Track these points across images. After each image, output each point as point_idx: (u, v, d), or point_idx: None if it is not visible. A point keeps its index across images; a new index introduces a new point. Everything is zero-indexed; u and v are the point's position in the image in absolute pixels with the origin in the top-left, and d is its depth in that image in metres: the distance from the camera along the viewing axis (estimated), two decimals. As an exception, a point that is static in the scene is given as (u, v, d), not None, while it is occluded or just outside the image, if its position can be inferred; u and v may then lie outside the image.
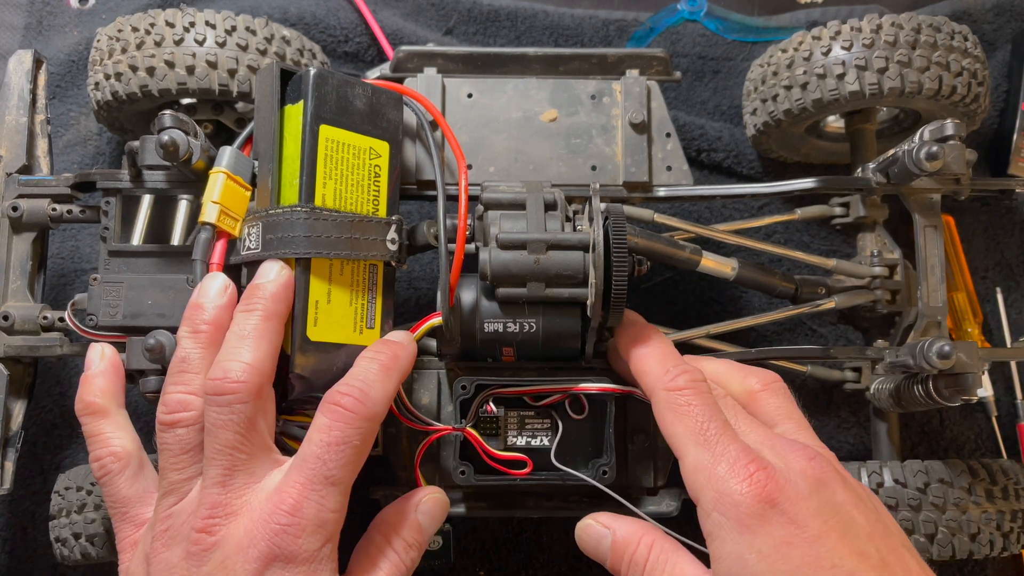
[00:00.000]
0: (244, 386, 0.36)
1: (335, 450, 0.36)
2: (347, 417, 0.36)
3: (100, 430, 0.41)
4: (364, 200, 0.43)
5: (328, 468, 0.35)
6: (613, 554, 0.39)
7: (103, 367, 0.43)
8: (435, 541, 0.45)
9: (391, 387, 0.39)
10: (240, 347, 0.37)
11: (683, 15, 0.69)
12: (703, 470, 0.36)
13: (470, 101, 0.51)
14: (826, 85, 0.53)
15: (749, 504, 0.34)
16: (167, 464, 0.37)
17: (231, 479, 0.36)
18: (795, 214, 0.57)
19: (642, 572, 0.38)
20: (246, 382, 0.36)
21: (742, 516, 0.34)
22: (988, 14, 0.67)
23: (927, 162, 0.46)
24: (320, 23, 0.65)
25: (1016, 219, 0.66)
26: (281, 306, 0.39)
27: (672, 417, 0.38)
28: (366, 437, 0.37)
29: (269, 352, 0.38)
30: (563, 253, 0.43)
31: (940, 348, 0.43)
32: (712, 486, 0.35)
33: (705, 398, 0.38)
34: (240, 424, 0.36)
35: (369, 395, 0.37)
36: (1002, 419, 0.62)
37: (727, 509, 0.35)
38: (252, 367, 0.37)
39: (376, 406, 0.37)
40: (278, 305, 0.39)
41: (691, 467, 0.37)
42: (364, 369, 0.39)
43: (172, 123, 0.43)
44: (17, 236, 0.50)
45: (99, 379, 0.42)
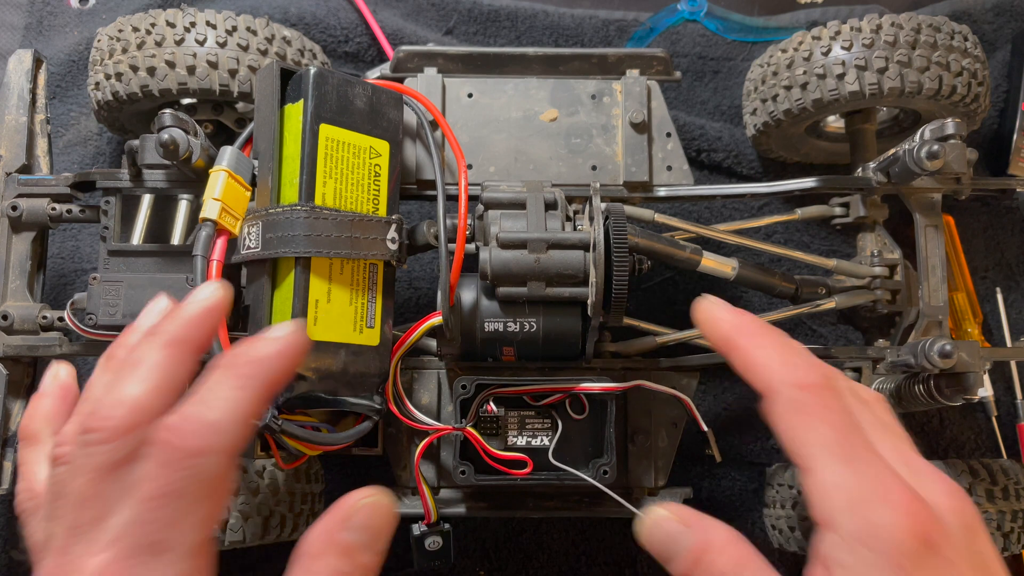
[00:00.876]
0: (111, 424, 0.28)
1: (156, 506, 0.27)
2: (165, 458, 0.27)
3: (26, 459, 0.36)
4: (364, 199, 0.43)
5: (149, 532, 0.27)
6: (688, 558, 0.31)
7: (51, 389, 0.38)
8: (435, 541, 0.45)
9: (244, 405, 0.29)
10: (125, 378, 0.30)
11: (683, 15, 0.69)
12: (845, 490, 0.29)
13: (470, 101, 0.51)
14: (826, 85, 0.53)
15: (908, 543, 0.28)
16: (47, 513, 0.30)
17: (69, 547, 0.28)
18: (795, 214, 0.57)
19: None
20: (116, 419, 0.28)
21: (897, 556, 0.28)
22: (988, 14, 0.67)
23: (928, 161, 0.46)
24: (320, 23, 0.65)
25: (1016, 219, 0.66)
26: (194, 332, 0.32)
27: (802, 422, 0.31)
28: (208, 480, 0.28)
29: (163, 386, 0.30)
30: (563, 252, 0.43)
31: (942, 347, 0.43)
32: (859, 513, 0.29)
33: (844, 402, 0.32)
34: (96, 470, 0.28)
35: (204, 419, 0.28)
36: (1002, 419, 0.62)
37: (878, 544, 0.29)
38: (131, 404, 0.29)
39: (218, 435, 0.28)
40: (190, 331, 0.32)
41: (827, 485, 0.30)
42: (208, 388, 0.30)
43: (172, 122, 0.43)
44: (16, 236, 0.50)
45: (44, 402, 0.37)
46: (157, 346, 0.31)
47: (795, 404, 0.32)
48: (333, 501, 0.59)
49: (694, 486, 0.49)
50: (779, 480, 0.53)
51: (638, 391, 0.47)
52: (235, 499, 0.47)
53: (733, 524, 0.33)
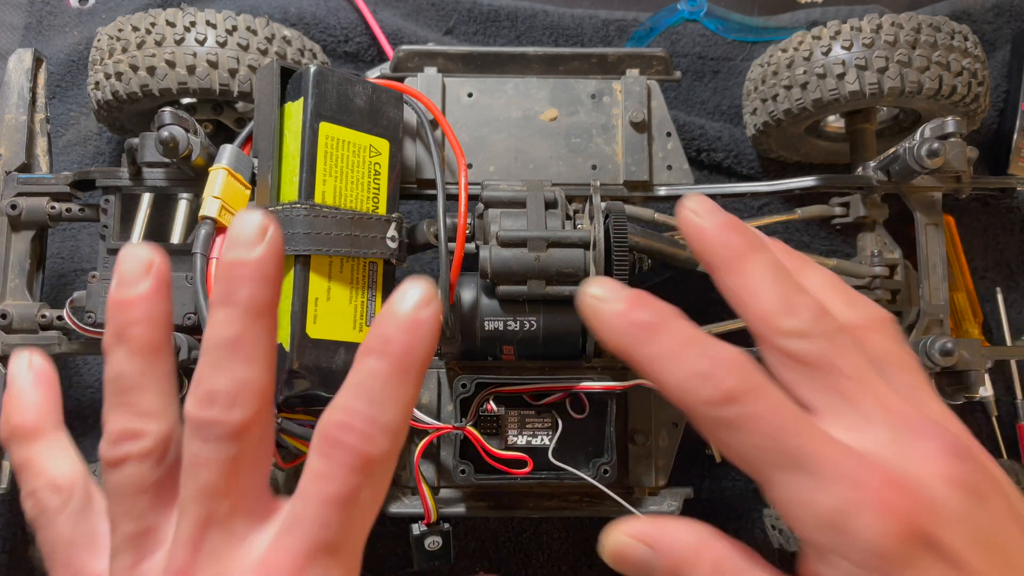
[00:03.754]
0: (239, 416, 0.27)
1: (336, 508, 0.26)
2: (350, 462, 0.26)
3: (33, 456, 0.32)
4: (364, 198, 0.43)
5: (328, 533, 0.26)
6: None
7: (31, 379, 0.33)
8: (435, 541, 0.45)
9: (409, 396, 0.27)
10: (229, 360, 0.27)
11: (683, 15, 0.69)
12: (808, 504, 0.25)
13: (470, 100, 0.51)
14: (826, 85, 0.53)
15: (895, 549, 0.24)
16: (119, 512, 0.28)
17: (205, 537, 0.27)
18: (795, 214, 0.56)
19: None
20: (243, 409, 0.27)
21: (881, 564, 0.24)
22: (988, 14, 0.67)
23: (928, 159, 0.46)
24: (320, 23, 0.65)
25: (1016, 219, 0.66)
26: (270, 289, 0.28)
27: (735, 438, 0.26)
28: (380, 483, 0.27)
29: (267, 362, 0.28)
30: (564, 251, 0.43)
31: (943, 345, 0.43)
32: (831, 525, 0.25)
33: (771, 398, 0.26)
34: (227, 463, 0.27)
35: (378, 422, 0.26)
36: (1002, 419, 0.62)
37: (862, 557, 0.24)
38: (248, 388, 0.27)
39: (390, 436, 0.27)
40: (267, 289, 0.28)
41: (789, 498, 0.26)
42: (370, 376, 0.27)
43: (172, 120, 0.43)
44: (16, 234, 0.50)
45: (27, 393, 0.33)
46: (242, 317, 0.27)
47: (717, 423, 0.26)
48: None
49: (694, 486, 0.49)
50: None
51: (638, 390, 0.47)
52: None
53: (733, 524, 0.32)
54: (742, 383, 0.26)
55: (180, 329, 0.44)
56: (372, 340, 0.27)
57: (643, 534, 0.28)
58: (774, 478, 0.26)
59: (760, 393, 0.26)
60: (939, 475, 0.25)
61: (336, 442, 0.26)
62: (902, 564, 0.24)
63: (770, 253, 0.29)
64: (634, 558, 0.28)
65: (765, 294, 0.28)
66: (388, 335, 0.27)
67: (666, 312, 0.28)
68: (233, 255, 0.28)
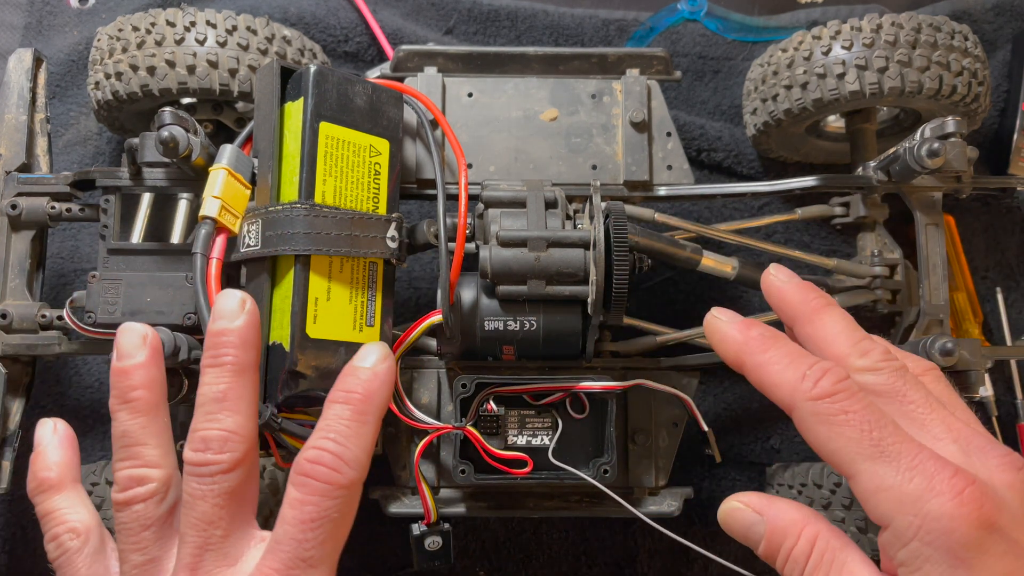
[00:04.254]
0: (228, 456, 0.33)
1: (311, 528, 0.32)
2: (321, 489, 0.32)
3: (56, 506, 0.38)
4: (364, 198, 0.43)
5: (306, 549, 0.32)
6: (767, 544, 0.33)
7: (55, 442, 0.40)
8: (435, 541, 0.45)
9: (369, 436, 0.34)
10: (218, 412, 0.34)
11: (683, 15, 0.69)
12: (889, 489, 0.29)
13: (470, 100, 0.51)
14: (826, 85, 0.53)
15: (964, 531, 0.28)
16: (127, 545, 0.34)
17: (201, 560, 0.33)
18: (795, 214, 0.56)
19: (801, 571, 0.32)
20: (231, 451, 0.33)
21: (955, 547, 0.28)
22: (988, 14, 0.67)
23: (929, 159, 0.46)
24: (320, 23, 0.65)
25: (1016, 219, 0.65)
26: (252, 353, 0.35)
27: (828, 431, 0.31)
28: (347, 506, 0.33)
29: (250, 412, 0.35)
30: (564, 251, 0.43)
31: (943, 345, 0.43)
32: (909, 509, 0.29)
33: (862, 400, 0.31)
34: (220, 495, 0.33)
35: (344, 457, 0.33)
36: (1002, 419, 0.62)
37: (935, 537, 0.28)
38: (235, 434, 0.34)
39: (354, 470, 0.33)
40: (248, 352, 0.35)
41: (871, 487, 0.30)
42: (335, 419, 0.34)
43: (172, 119, 0.43)
44: (16, 234, 0.50)
45: (51, 453, 0.39)
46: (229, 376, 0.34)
47: (815, 416, 0.32)
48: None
49: (694, 486, 0.49)
50: (779, 480, 0.53)
51: (638, 391, 0.47)
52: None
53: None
54: (840, 384, 0.32)
55: (180, 329, 0.44)
56: (337, 392, 0.35)
57: (755, 504, 0.34)
58: (860, 467, 0.30)
59: (854, 394, 0.31)
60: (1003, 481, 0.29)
61: (309, 474, 0.33)
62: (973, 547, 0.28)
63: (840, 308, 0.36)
64: (742, 521, 0.34)
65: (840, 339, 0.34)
66: (351, 387, 0.35)
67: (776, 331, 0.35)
68: (219, 325, 0.35)
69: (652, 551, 0.59)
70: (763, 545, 0.34)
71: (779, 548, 0.33)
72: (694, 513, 0.59)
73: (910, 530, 0.29)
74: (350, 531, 0.35)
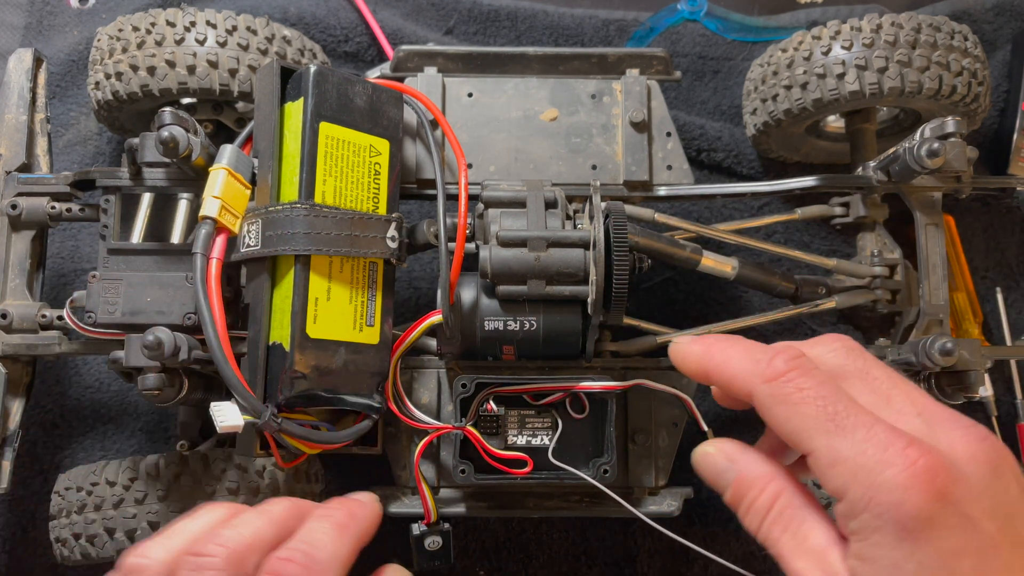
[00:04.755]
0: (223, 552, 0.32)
1: None
2: None
3: None
4: (364, 198, 0.43)
5: None
6: (734, 492, 0.34)
7: None
8: (435, 541, 0.45)
9: (345, 548, 0.34)
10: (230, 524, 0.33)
11: (683, 15, 0.69)
12: (844, 462, 0.29)
13: (470, 100, 0.51)
14: (826, 85, 0.53)
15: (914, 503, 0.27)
16: None
17: None
18: (795, 214, 0.56)
19: (760, 523, 0.32)
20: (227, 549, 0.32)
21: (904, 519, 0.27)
22: (988, 14, 0.67)
23: (928, 159, 0.46)
24: (320, 23, 0.65)
25: (1016, 219, 0.66)
26: None
27: (785, 410, 0.31)
28: None
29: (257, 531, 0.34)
30: (564, 250, 0.43)
31: (943, 345, 0.43)
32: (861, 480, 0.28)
33: (817, 377, 0.31)
34: None
35: (316, 558, 0.32)
36: (1002, 419, 0.62)
37: (885, 509, 0.27)
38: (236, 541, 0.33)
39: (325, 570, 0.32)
40: None
41: (826, 461, 0.29)
42: (312, 529, 0.34)
43: (172, 120, 0.43)
44: (16, 234, 0.50)
45: None
46: None
47: (772, 398, 0.32)
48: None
49: (694, 486, 0.49)
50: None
51: (639, 390, 0.47)
52: (235, 499, 0.47)
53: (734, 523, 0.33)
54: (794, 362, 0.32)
55: (180, 329, 0.44)
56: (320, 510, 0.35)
57: (728, 451, 0.34)
58: (817, 444, 0.30)
59: (808, 371, 0.31)
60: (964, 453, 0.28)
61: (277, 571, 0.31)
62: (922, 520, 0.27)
63: None
64: (713, 467, 0.34)
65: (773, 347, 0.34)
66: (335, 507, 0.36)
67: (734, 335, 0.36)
68: None
69: (652, 551, 0.59)
70: (730, 492, 0.34)
71: (743, 498, 0.33)
72: (694, 513, 0.59)
73: (862, 502, 0.28)
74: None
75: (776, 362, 0.32)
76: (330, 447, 0.43)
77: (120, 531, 0.46)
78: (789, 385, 0.31)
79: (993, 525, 0.27)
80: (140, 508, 0.46)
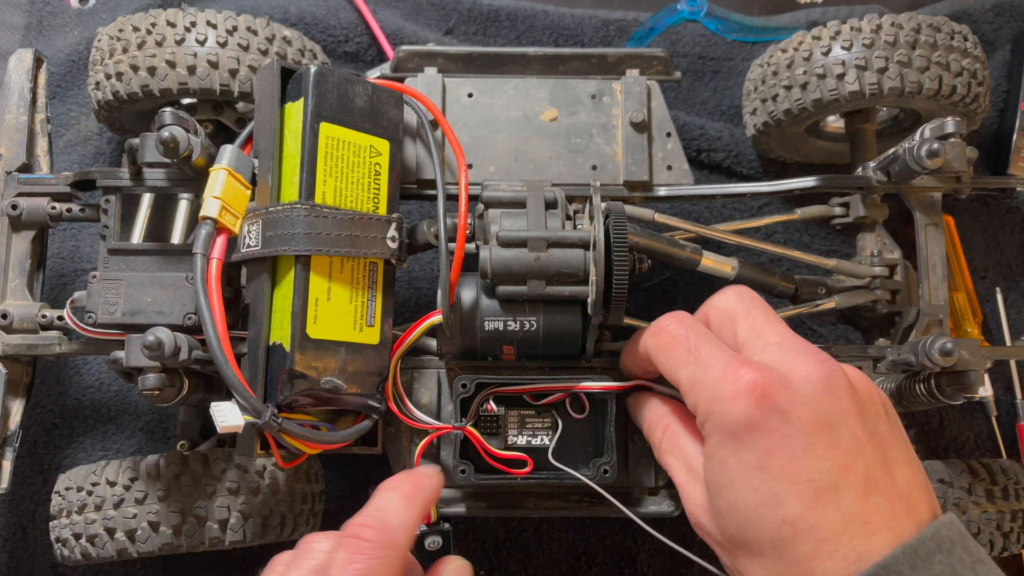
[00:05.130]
0: None
1: None
2: (367, 548, 0.35)
3: None
4: (364, 198, 0.43)
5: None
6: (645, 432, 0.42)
7: None
8: (435, 541, 0.45)
9: (413, 514, 0.38)
10: None
11: (683, 15, 0.69)
12: (697, 384, 0.35)
13: (470, 101, 0.51)
14: (826, 85, 0.53)
15: (740, 411, 0.33)
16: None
17: None
18: (795, 214, 0.57)
19: (659, 453, 0.40)
20: None
21: (730, 424, 0.33)
22: (988, 14, 0.67)
23: (928, 159, 0.46)
24: (320, 23, 0.65)
25: (1016, 219, 0.66)
26: None
27: (664, 356, 0.38)
28: (389, 567, 0.35)
29: None
30: (564, 251, 0.43)
31: (943, 345, 0.43)
32: (705, 395, 0.35)
33: (687, 322, 0.38)
34: None
35: (388, 523, 0.36)
36: (1002, 419, 0.62)
37: (718, 417, 0.34)
38: None
39: (397, 534, 0.36)
40: None
41: (687, 387, 0.36)
42: (383, 499, 0.38)
43: (173, 120, 0.43)
44: (16, 234, 0.50)
45: None
46: None
47: (657, 350, 0.38)
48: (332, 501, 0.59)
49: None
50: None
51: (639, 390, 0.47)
52: (235, 498, 0.47)
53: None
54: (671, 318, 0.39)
55: (180, 329, 0.44)
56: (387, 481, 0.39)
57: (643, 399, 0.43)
58: (681, 374, 0.36)
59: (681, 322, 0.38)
60: (801, 373, 0.34)
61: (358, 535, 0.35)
62: (744, 423, 0.33)
63: None
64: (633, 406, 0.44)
65: None
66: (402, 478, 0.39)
67: None
68: None
69: (652, 551, 0.59)
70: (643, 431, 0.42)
71: (651, 437, 0.41)
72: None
73: (706, 413, 0.35)
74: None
75: (662, 321, 0.39)
76: (330, 447, 0.43)
77: (120, 531, 0.46)
78: (664, 334, 0.38)
79: (808, 431, 0.32)
80: (141, 508, 0.46)
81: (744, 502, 0.33)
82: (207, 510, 0.47)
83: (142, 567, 0.58)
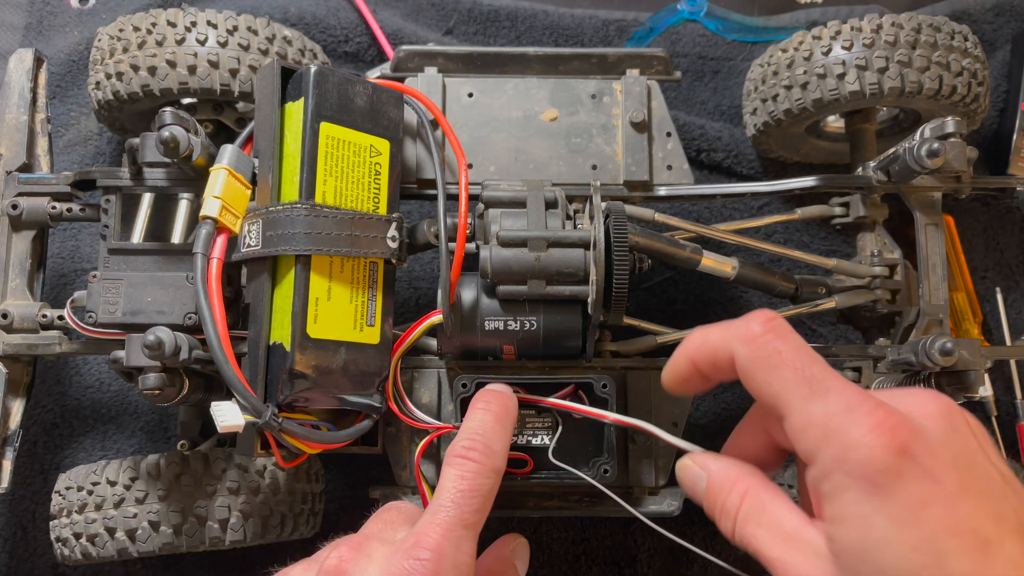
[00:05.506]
0: None
1: (468, 497, 0.37)
2: (476, 468, 0.37)
3: None
4: (364, 198, 0.43)
5: (464, 514, 0.36)
6: (707, 499, 0.35)
7: None
8: None
9: (507, 438, 0.40)
10: None
11: (683, 15, 0.69)
12: (816, 425, 0.30)
13: (470, 100, 0.51)
14: (826, 85, 0.53)
15: (880, 458, 0.28)
16: None
17: None
18: (795, 214, 0.56)
19: (733, 524, 0.33)
20: None
21: (872, 474, 0.28)
22: (988, 14, 0.67)
23: (928, 159, 0.46)
24: (320, 23, 0.65)
25: (1016, 219, 0.66)
26: None
27: (765, 375, 0.32)
28: (492, 487, 0.38)
29: None
30: (564, 250, 0.43)
31: (943, 345, 0.43)
32: (832, 441, 0.29)
33: (793, 340, 0.32)
34: None
35: (492, 447, 0.38)
36: (1002, 419, 0.62)
37: (854, 467, 0.29)
38: None
39: (499, 458, 0.39)
40: None
41: (799, 425, 0.31)
42: (481, 422, 0.40)
43: (173, 120, 0.43)
44: (16, 234, 0.50)
45: None
46: None
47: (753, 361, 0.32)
48: (333, 501, 0.59)
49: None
50: (778, 480, 0.53)
51: (638, 389, 0.47)
52: (236, 498, 0.47)
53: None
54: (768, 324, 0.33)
55: (181, 329, 0.44)
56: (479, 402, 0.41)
57: (700, 460, 0.36)
58: (793, 406, 0.31)
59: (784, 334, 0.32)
60: (921, 412, 0.30)
61: (466, 456, 0.38)
62: (890, 473, 0.28)
63: None
64: (689, 478, 0.36)
65: None
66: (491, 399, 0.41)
67: None
68: None
69: (652, 551, 0.59)
70: (705, 501, 0.35)
71: (715, 503, 0.34)
72: (694, 512, 0.58)
73: (832, 462, 0.29)
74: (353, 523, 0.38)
75: (752, 324, 0.33)
76: (330, 447, 0.43)
77: (121, 531, 0.46)
78: (767, 348, 0.32)
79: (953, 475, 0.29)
80: (141, 508, 0.46)
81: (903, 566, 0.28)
82: (207, 510, 0.47)
83: (142, 567, 0.58)
